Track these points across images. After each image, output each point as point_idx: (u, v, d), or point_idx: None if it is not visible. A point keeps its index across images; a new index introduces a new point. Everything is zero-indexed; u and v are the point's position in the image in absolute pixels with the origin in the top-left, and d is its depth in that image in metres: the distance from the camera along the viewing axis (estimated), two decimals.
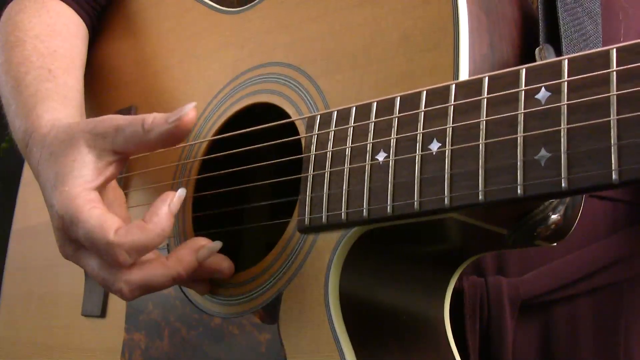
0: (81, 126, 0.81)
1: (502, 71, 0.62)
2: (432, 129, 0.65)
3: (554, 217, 0.70)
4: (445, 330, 0.79)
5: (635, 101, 0.53)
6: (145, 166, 0.98)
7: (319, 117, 0.74)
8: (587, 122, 0.55)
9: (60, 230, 0.78)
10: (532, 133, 0.58)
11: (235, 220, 0.93)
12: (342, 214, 0.70)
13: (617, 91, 0.54)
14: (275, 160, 0.80)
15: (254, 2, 0.93)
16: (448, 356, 0.78)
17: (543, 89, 0.58)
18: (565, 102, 0.57)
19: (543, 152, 0.57)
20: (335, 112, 0.73)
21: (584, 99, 0.56)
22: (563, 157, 0.56)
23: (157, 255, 0.79)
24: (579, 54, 0.57)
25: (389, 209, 0.66)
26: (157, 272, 0.76)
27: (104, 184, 0.80)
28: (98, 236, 0.73)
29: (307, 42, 0.83)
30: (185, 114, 0.75)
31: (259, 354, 0.78)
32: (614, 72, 0.54)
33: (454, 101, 0.64)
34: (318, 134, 0.74)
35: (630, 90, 0.53)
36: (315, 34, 0.82)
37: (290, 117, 0.82)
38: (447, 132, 0.64)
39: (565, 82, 0.57)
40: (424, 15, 0.72)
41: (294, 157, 0.77)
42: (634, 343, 0.92)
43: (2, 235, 1.29)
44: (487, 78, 0.62)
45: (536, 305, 0.91)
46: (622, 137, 0.53)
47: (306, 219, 0.73)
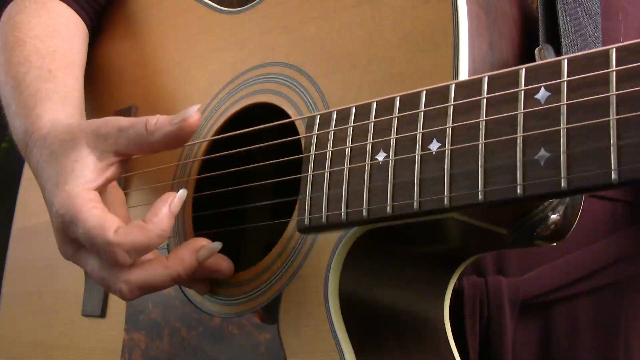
0: (83, 127, 0.81)
1: (501, 71, 0.62)
2: (431, 129, 0.65)
3: (553, 217, 0.69)
4: (445, 330, 0.79)
5: (635, 101, 0.53)
6: (145, 166, 0.98)
7: (318, 117, 0.74)
8: (587, 122, 0.55)
9: (60, 230, 0.78)
10: (531, 133, 0.58)
11: (235, 220, 0.93)
12: (342, 214, 0.70)
13: (616, 91, 0.54)
14: (275, 160, 0.80)
15: (254, 2, 0.93)
16: (448, 356, 0.78)
17: (542, 88, 0.58)
18: (565, 102, 0.57)
19: (542, 152, 0.57)
20: (335, 112, 0.73)
21: (583, 99, 0.56)
22: (562, 157, 0.56)
23: (157, 255, 0.79)
24: (579, 54, 0.57)
25: (388, 209, 0.66)
26: (157, 272, 0.76)
27: (104, 185, 0.80)
28: (98, 236, 0.73)
29: (306, 42, 0.83)
30: (189, 115, 0.75)
31: (259, 353, 0.78)
32: (614, 72, 0.54)
33: (454, 101, 0.64)
34: (318, 134, 0.74)
35: (630, 90, 0.53)
36: (315, 34, 0.82)
37: (290, 117, 0.82)
38: (447, 132, 0.64)
39: (565, 82, 0.57)
40: (423, 15, 0.72)
41: (294, 157, 0.77)
42: (634, 343, 0.92)
43: (2, 235, 1.29)
44: (486, 78, 0.62)
45: (536, 305, 0.91)
46: (621, 137, 0.53)
47: (306, 219, 0.73)
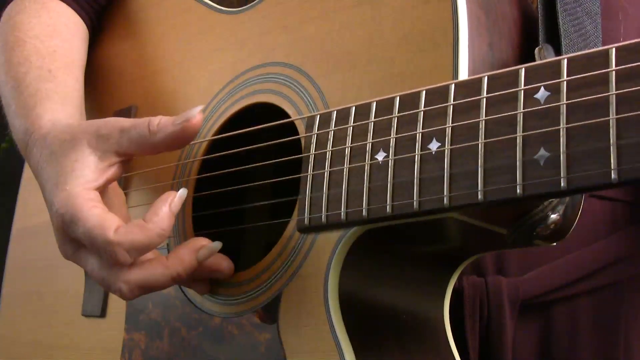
0: (84, 127, 0.81)
1: (501, 71, 0.62)
2: (431, 129, 0.65)
3: (553, 216, 0.69)
4: (445, 330, 0.79)
5: (634, 100, 0.53)
6: (145, 166, 0.98)
7: (318, 116, 0.74)
8: (586, 122, 0.55)
9: (60, 230, 0.78)
10: (531, 132, 0.58)
11: (235, 220, 0.93)
12: (342, 214, 0.70)
13: (616, 90, 0.54)
14: (274, 160, 0.80)
15: (254, 2, 0.93)
16: (448, 356, 0.78)
17: (542, 88, 0.58)
18: (565, 102, 0.57)
19: (542, 152, 0.57)
20: (335, 111, 0.73)
21: (583, 99, 0.56)
22: (562, 156, 0.56)
23: (156, 255, 0.79)
24: (578, 54, 0.57)
25: (388, 209, 0.66)
26: (157, 271, 0.76)
27: (105, 185, 0.80)
28: (98, 235, 0.73)
29: (306, 42, 0.83)
30: (192, 116, 0.75)
31: (259, 353, 0.78)
32: (613, 72, 0.54)
33: (454, 101, 0.64)
34: (317, 134, 0.74)
35: (629, 89, 0.53)
36: (314, 34, 0.82)
37: (289, 117, 0.82)
38: (447, 132, 0.64)
39: (565, 82, 0.57)
40: (423, 15, 0.72)
41: (294, 157, 0.77)
42: (634, 343, 0.92)
43: (3, 235, 1.29)
44: (486, 77, 0.62)
45: (536, 305, 0.91)
46: (621, 136, 0.53)
47: (306, 219, 0.73)
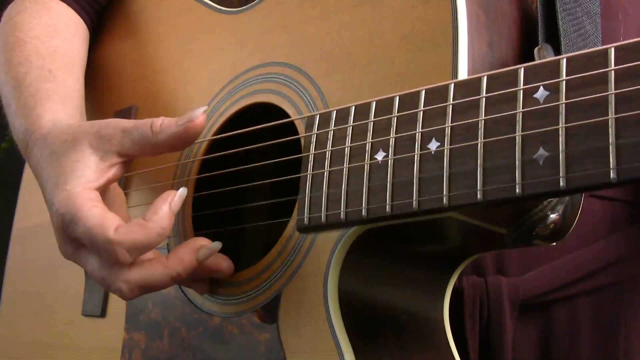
0: (85, 127, 0.81)
1: (500, 70, 0.62)
2: (431, 128, 0.65)
3: (552, 216, 0.69)
4: (445, 330, 0.79)
5: (633, 100, 0.53)
6: (145, 166, 0.98)
7: (318, 116, 0.74)
8: (586, 121, 0.55)
9: (60, 230, 0.78)
10: (530, 132, 0.58)
11: (234, 220, 0.93)
12: (341, 214, 0.70)
13: (615, 90, 0.54)
14: (274, 160, 0.80)
15: (254, 2, 0.93)
16: (448, 356, 0.78)
17: (541, 88, 0.58)
18: (564, 101, 0.57)
19: (541, 151, 0.57)
20: (335, 111, 0.73)
21: (582, 98, 0.56)
22: (561, 156, 0.56)
23: (156, 254, 0.79)
24: (578, 53, 0.57)
25: (388, 209, 0.66)
26: (157, 271, 0.76)
27: (105, 185, 0.80)
28: (98, 234, 0.73)
29: (306, 42, 0.83)
30: (195, 117, 0.76)
31: (259, 353, 0.78)
32: (612, 71, 0.54)
33: (453, 100, 0.64)
34: (317, 134, 0.74)
35: (629, 89, 0.53)
36: (314, 34, 0.82)
37: (289, 116, 0.82)
38: (446, 132, 0.64)
39: (564, 81, 0.57)
40: (423, 15, 0.72)
41: (294, 156, 0.77)
42: (634, 343, 0.92)
43: (3, 235, 1.29)
44: (485, 77, 0.62)
45: (536, 305, 0.91)
46: (620, 136, 0.53)
47: (305, 219, 0.73)
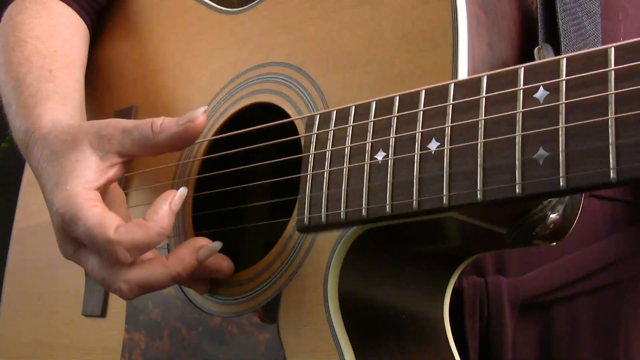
0: (85, 127, 0.82)
1: (500, 70, 0.62)
2: (431, 128, 0.65)
3: (552, 216, 0.69)
4: (445, 330, 0.79)
5: (633, 100, 0.53)
6: (146, 166, 0.98)
7: (318, 116, 0.74)
8: (585, 121, 0.55)
9: (61, 229, 0.78)
10: (530, 132, 0.58)
11: (235, 220, 0.93)
12: (341, 214, 0.70)
13: (615, 90, 0.54)
14: (274, 160, 0.80)
15: (254, 2, 0.93)
16: (448, 356, 0.78)
17: (541, 88, 0.58)
18: (564, 101, 0.57)
19: (541, 151, 0.57)
20: (335, 111, 0.73)
21: (582, 98, 0.56)
22: (561, 156, 0.56)
23: (157, 254, 0.79)
24: (577, 53, 0.57)
25: (388, 208, 0.66)
26: (157, 271, 0.76)
27: (106, 185, 0.80)
28: (98, 234, 0.73)
29: (306, 42, 0.83)
30: (196, 117, 0.76)
31: (259, 353, 0.78)
32: (612, 71, 0.54)
33: (453, 100, 0.64)
34: (317, 134, 0.74)
35: (628, 89, 0.53)
36: (314, 34, 0.82)
37: (289, 116, 0.82)
38: (446, 132, 0.64)
39: (564, 81, 0.57)
40: (423, 15, 0.72)
41: (294, 156, 0.77)
42: (634, 343, 0.92)
43: (3, 235, 1.29)
44: (485, 77, 0.62)
45: (536, 305, 0.91)
46: (620, 135, 0.53)
47: (305, 219, 0.73)
